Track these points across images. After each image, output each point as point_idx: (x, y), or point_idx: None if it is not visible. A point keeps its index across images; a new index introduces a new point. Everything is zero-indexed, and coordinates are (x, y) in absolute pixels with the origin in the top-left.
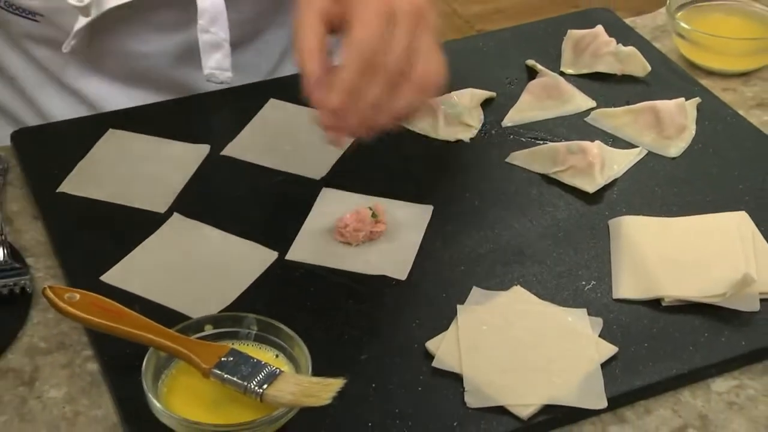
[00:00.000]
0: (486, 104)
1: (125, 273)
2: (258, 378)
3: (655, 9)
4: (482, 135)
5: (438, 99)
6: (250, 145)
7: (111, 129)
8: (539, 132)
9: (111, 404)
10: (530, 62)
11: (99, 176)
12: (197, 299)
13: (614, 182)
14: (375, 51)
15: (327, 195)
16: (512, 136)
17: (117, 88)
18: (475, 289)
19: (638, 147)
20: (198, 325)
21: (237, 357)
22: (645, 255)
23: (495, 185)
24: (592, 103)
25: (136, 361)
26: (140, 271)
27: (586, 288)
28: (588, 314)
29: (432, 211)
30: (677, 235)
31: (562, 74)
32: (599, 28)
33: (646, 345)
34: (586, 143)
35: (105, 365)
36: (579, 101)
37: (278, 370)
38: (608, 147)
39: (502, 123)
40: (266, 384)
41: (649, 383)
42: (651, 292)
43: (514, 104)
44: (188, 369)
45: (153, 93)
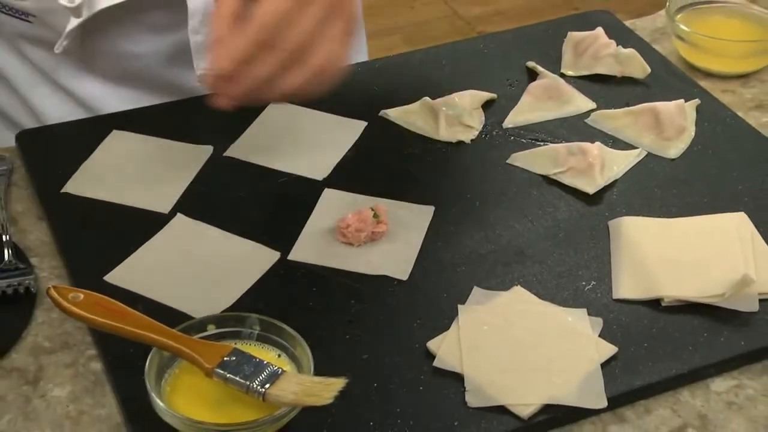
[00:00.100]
0: (487, 106)
1: (129, 273)
2: (260, 377)
3: (655, 11)
4: (483, 136)
5: (439, 100)
6: (253, 146)
7: (115, 130)
8: (540, 133)
9: (114, 403)
10: (531, 64)
11: (103, 177)
12: (200, 299)
13: (614, 183)
14: (278, 27)
15: (329, 196)
16: (513, 138)
17: (110, 89)
18: (476, 289)
19: (638, 148)
20: (201, 325)
21: (239, 357)
22: (645, 255)
23: (496, 186)
24: (592, 105)
25: (140, 361)
26: (143, 272)
27: (586, 288)
28: (588, 314)
29: (433, 212)
30: (677, 236)
31: (563, 76)
32: (599, 31)
33: (646, 345)
34: (587, 144)
35: (108, 365)
36: (579, 103)
37: (280, 370)
38: (608, 148)
39: (503, 124)
40: (268, 383)
41: (649, 383)
42: (651, 293)
43: (515, 106)
44: (191, 368)
45: (146, 93)
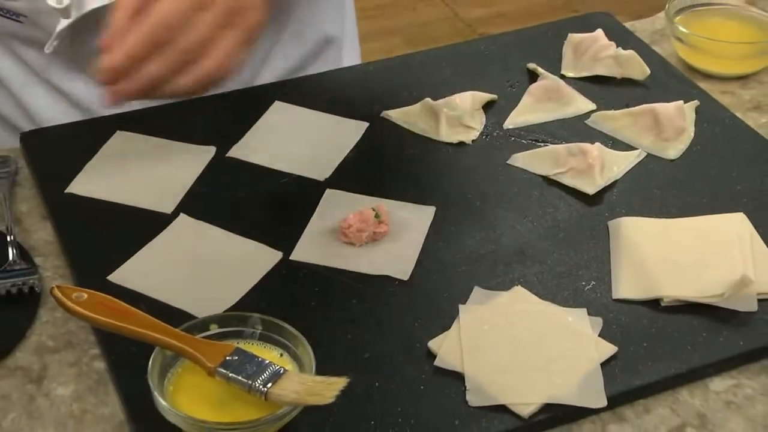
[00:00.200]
0: (487, 107)
1: (132, 273)
2: (262, 377)
3: (654, 13)
4: (484, 137)
5: (440, 101)
6: (255, 147)
7: (119, 131)
8: (540, 134)
9: (118, 402)
10: (531, 65)
11: (107, 177)
12: (203, 299)
13: (614, 184)
14: (171, 28)
15: (331, 196)
16: (513, 138)
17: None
18: (477, 289)
19: (637, 149)
20: (203, 325)
21: (242, 356)
22: (644, 256)
23: (496, 187)
24: (592, 106)
25: (143, 360)
26: (147, 271)
27: (586, 288)
28: (588, 314)
29: (434, 212)
30: (676, 236)
31: (563, 77)
32: (599, 32)
33: (645, 345)
34: (586, 145)
35: (112, 364)
36: (579, 104)
37: (282, 369)
38: (608, 149)
39: (504, 125)
40: (271, 383)
41: (648, 382)
42: (650, 293)
43: (516, 107)
44: (194, 368)
45: None
